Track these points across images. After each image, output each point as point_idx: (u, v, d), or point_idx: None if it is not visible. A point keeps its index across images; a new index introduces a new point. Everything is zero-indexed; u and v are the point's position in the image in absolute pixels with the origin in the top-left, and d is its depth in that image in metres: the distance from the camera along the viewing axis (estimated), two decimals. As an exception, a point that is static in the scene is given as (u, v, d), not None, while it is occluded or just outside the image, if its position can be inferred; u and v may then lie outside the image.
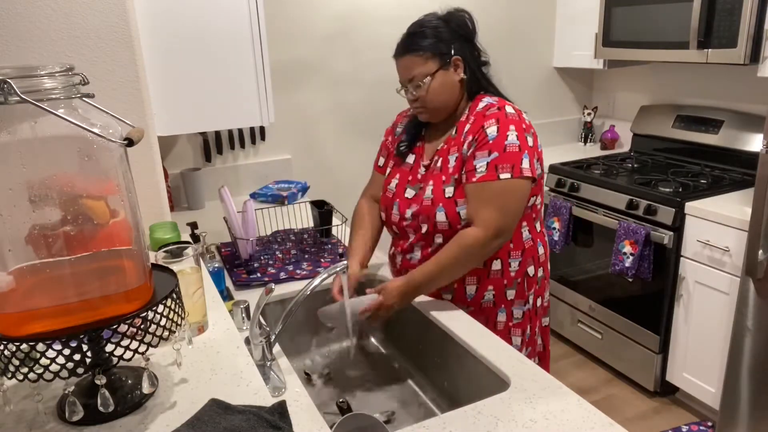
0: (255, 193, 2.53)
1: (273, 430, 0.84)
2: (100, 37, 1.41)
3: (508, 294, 1.45)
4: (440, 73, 1.37)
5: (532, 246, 1.45)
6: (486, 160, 1.31)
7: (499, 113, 1.34)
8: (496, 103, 1.37)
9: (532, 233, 1.45)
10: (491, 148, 1.31)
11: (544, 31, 3.21)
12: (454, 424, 1.02)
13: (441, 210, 1.37)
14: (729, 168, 2.63)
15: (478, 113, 1.38)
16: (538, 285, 1.50)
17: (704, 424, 2.39)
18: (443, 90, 1.39)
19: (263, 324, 1.25)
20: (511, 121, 1.33)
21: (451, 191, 1.37)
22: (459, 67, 1.39)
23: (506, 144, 1.31)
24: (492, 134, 1.32)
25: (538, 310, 1.53)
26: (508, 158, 1.31)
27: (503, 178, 1.30)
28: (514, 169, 1.31)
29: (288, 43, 2.61)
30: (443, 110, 1.43)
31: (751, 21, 2.14)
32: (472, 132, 1.36)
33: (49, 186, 0.79)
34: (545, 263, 1.52)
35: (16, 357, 0.78)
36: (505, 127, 1.32)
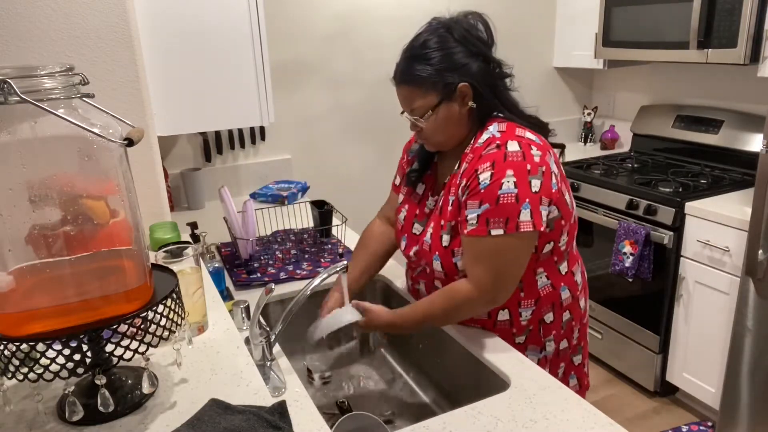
0: (255, 193, 2.53)
1: (273, 430, 0.84)
2: (100, 37, 1.41)
3: (516, 340, 1.30)
4: (443, 106, 1.19)
5: (551, 293, 1.28)
6: (476, 212, 1.14)
7: (497, 153, 1.14)
8: (499, 137, 1.17)
9: (552, 278, 1.27)
10: (482, 199, 1.14)
11: (544, 31, 3.21)
12: (454, 424, 1.02)
13: (437, 259, 1.26)
14: (729, 168, 2.63)
15: (476, 149, 1.20)
16: (563, 329, 1.32)
17: (704, 424, 2.39)
18: (447, 124, 1.22)
19: (263, 324, 1.25)
20: (510, 164, 1.13)
21: (447, 240, 1.23)
22: (467, 96, 1.20)
23: (500, 194, 1.12)
24: (485, 182, 1.13)
25: (560, 352, 1.34)
26: (502, 211, 1.12)
27: (495, 234, 1.13)
28: (509, 224, 1.12)
29: (288, 43, 2.61)
30: (450, 142, 1.27)
31: (751, 21, 2.14)
32: (466, 175, 1.18)
33: (49, 186, 0.79)
34: (573, 306, 1.33)
35: (16, 357, 0.78)
36: (500, 173, 1.13)
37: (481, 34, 1.22)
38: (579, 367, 1.41)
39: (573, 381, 1.42)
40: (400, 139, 1.59)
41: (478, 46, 1.20)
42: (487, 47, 1.22)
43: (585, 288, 1.40)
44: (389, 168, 2.96)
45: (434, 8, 2.86)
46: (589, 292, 1.45)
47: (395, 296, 1.60)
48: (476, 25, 1.22)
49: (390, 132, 2.91)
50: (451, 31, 1.19)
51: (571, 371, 1.40)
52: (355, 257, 1.51)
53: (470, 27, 1.21)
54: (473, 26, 1.22)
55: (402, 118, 1.28)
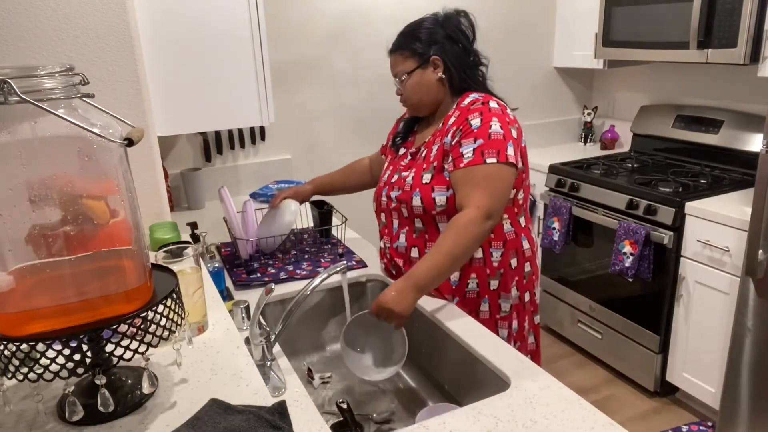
0: (255, 193, 2.53)
1: (273, 430, 0.84)
2: (100, 37, 1.41)
3: (491, 284, 1.47)
4: (418, 71, 1.46)
5: (514, 239, 1.48)
6: (472, 146, 1.36)
7: (483, 107, 1.40)
8: (481, 98, 1.43)
9: (514, 226, 1.48)
10: (476, 136, 1.37)
11: (544, 31, 3.21)
12: (454, 424, 1.02)
13: (417, 194, 1.43)
14: (729, 168, 2.63)
15: (463, 108, 1.44)
16: (525, 280, 1.53)
17: (704, 424, 2.39)
18: (420, 87, 1.47)
19: (263, 324, 1.25)
20: (495, 114, 1.39)
21: (428, 178, 1.43)
22: (438, 67, 1.45)
23: (490, 132, 1.36)
24: (476, 124, 1.38)
25: (526, 305, 1.54)
26: (494, 144, 1.35)
27: (489, 162, 1.35)
28: (500, 154, 1.35)
29: (288, 43, 2.61)
30: (423, 106, 1.51)
31: (751, 21, 2.14)
32: (456, 124, 1.41)
33: (49, 186, 0.79)
34: (532, 259, 1.54)
35: (16, 357, 0.78)
36: (488, 118, 1.38)
37: (465, 28, 1.48)
38: (537, 327, 1.62)
39: (531, 338, 1.60)
40: (400, 139, 1.61)
41: (457, 34, 1.46)
42: (465, 37, 1.48)
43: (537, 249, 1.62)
44: (389, 168, 2.97)
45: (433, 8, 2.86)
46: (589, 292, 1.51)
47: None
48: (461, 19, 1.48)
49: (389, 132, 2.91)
50: (439, 17, 1.48)
51: (531, 329, 1.60)
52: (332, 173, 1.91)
53: (455, 20, 1.48)
54: (457, 20, 1.48)
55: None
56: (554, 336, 3.10)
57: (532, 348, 1.62)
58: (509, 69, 3.12)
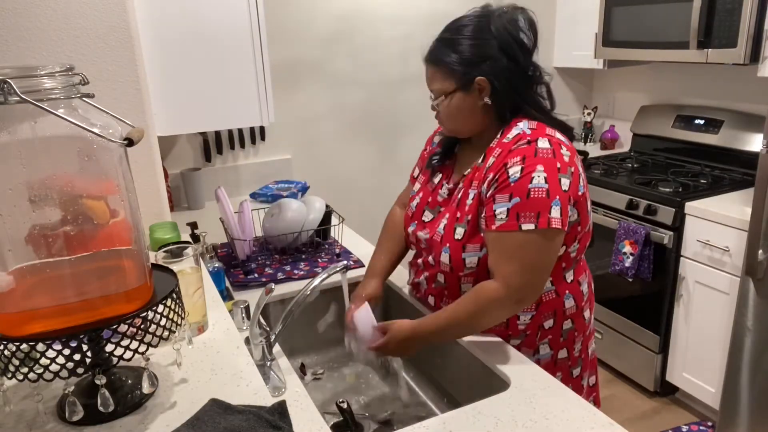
0: (255, 193, 2.53)
1: (273, 430, 0.84)
2: (100, 37, 1.41)
3: (511, 342, 1.28)
4: (458, 94, 1.19)
5: (554, 300, 1.24)
6: (507, 206, 1.11)
7: (528, 149, 1.12)
8: (530, 134, 1.15)
9: (557, 285, 1.24)
10: (513, 192, 1.11)
11: (544, 31, 3.18)
12: (454, 424, 1.02)
13: (446, 251, 1.23)
14: (729, 168, 2.63)
15: (505, 144, 1.17)
16: (563, 338, 1.29)
17: (704, 424, 2.39)
18: (459, 113, 1.22)
19: (263, 324, 1.25)
20: (541, 160, 1.11)
21: (461, 233, 1.20)
22: (484, 90, 1.18)
23: (530, 188, 1.09)
24: (515, 176, 1.11)
25: (558, 361, 1.30)
26: (533, 205, 1.09)
27: (525, 229, 1.10)
28: (540, 219, 1.09)
29: (288, 43, 2.61)
30: (461, 132, 1.28)
31: (751, 21, 2.13)
32: (493, 169, 1.15)
33: (49, 186, 0.79)
34: (577, 315, 1.29)
35: (16, 357, 0.78)
36: (531, 168, 1.10)
37: (522, 34, 1.19)
38: (577, 380, 1.36)
39: None
40: (400, 139, 1.59)
41: (512, 44, 1.17)
42: (523, 48, 1.19)
43: (591, 300, 1.36)
44: (389, 168, 2.97)
45: (433, 8, 2.87)
46: None
47: (396, 298, 1.60)
48: (518, 22, 1.19)
49: (390, 132, 2.91)
50: (490, 22, 1.17)
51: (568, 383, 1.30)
52: (381, 245, 1.51)
53: (512, 23, 1.18)
54: (515, 23, 1.19)
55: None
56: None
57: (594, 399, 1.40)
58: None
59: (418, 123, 2.84)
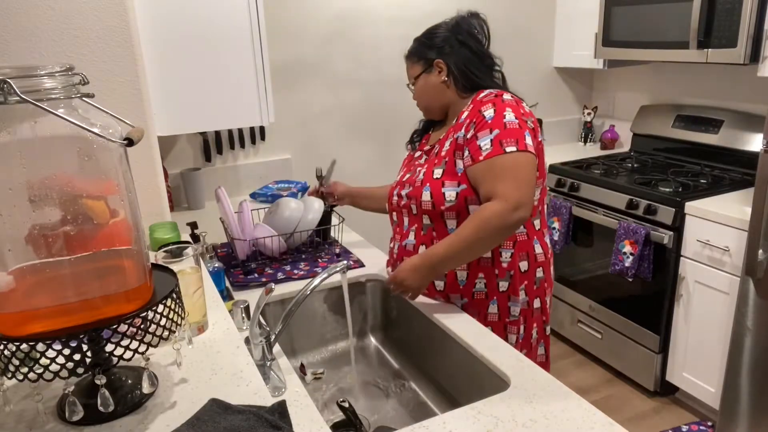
0: (255, 193, 2.53)
1: (273, 430, 0.84)
2: (100, 37, 1.41)
3: (500, 285, 1.43)
4: (422, 76, 1.49)
5: (525, 241, 1.44)
6: (489, 138, 1.32)
7: (496, 99, 1.38)
8: (494, 91, 1.42)
9: (527, 228, 1.44)
10: (492, 126, 1.33)
11: (544, 31, 3.21)
12: (454, 424, 1.02)
13: (427, 189, 1.40)
14: (729, 168, 2.63)
15: (476, 101, 1.42)
16: (536, 286, 1.48)
17: (704, 424, 2.39)
18: (425, 91, 1.50)
19: (263, 324, 1.24)
20: (508, 104, 1.36)
21: (439, 173, 1.40)
22: (442, 71, 1.46)
23: (505, 122, 1.33)
24: (489, 115, 1.34)
25: (535, 311, 1.49)
26: (511, 134, 1.31)
27: (509, 151, 1.30)
28: (519, 143, 1.31)
29: (288, 43, 2.61)
30: (432, 109, 1.53)
31: (751, 21, 2.14)
32: (469, 117, 1.39)
33: (49, 186, 0.79)
34: (545, 265, 1.49)
35: (16, 357, 0.78)
36: (501, 108, 1.35)
37: (476, 30, 1.48)
38: (547, 336, 1.56)
39: (541, 350, 1.53)
40: (400, 139, 1.62)
41: (467, 38, 1.46)
42: (475, 39, 1.47)
43: (551, 256, 1.55)
44: (389, 167, 2.97)
45: (434, 8, 2.87)
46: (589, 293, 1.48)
47: (395, 296, 1.60)
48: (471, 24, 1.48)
49: (390, 132, 2.91)
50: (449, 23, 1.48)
51: (541, 339, 1.55)
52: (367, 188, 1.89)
53: (464, 21, 1.48)
54: (467, 21, 1.48)
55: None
56: (554, 336, 3.09)
57: (542, 360, 1.56)
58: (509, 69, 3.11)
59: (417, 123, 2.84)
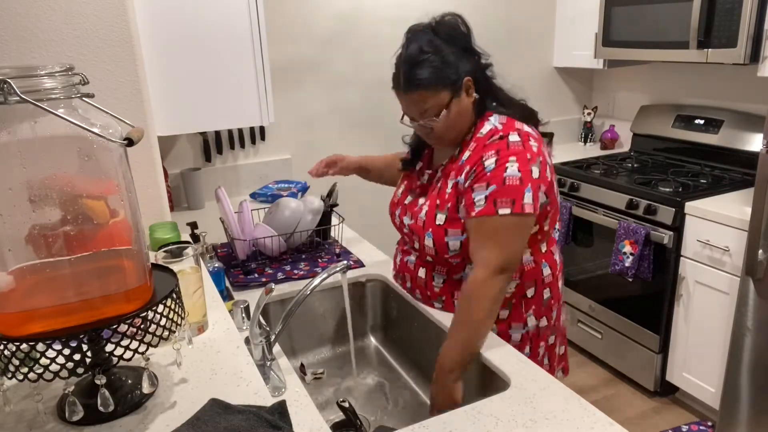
0: (255, 193, 2.53)
1: (273, 430, 0.84)
2: (100, 37, 1.41)
3: (500, 314, 1.35)
4: (455, 101, 1.27)
5: (533, 269, 1.36)
6: (484, 194, 1.22)
7: (501, 143, 1.24)
8: (501, 129, 1.27)
9: (535, 255, 1.35)
10: (489, 181, 1.22)
11: (544, 31, 3.21)
12: (454, 424, 1.02)
13: (429, 236, 1.33)
14: (729, 168, 2.63)
15: (479, 139, 1.29)
16: (544, 306, 1.39)
17: (704, 423, 2.39)
18: (460, 118, 1.30)
19: (263, 324, 1.25)
20: (513, 152, 1.23)
21: (442, 219, 1.31)
22: (471, 88, 1.29)
23: (505, 176, 1.21)
24: (490, 166, 1.23)
25: (541, 330, 1.41)
26: (508, 192, 1.21)
27: (502, 213, 1.20)
28: (515, 204, 1.21)
29: (288, 43, 2.61)
30: (459, 137, 1.34)
31: (751, 21, 2.14)
32: (470, 162, 1.27)
33: (49, 186, 0.79)
34: (553, 284, 1.41)
35: (16, 357, 0.78)
36: (504, 159, 1.22)
37: (462, 30, 1.29)
38: (552, 347, 1.47)
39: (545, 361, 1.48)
40: (400, 139, 1.60)
41: (464, 42, 1.29)
42: (468, 41, 1.30)
43: (561, 269, 1.47)
44: (389, 168, 2.97)
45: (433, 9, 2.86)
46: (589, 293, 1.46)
47: (395, 296, 1.60)
48: (455, 23, 1.29)
49: (390, 132, 2.91)
50: (437, 33, 1.27)
51: (546, 352, 1.47)
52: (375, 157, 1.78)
53: (452, 25, 1.29)
54: (454, 24, 1.29)
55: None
56: (554, 336, 3.09)
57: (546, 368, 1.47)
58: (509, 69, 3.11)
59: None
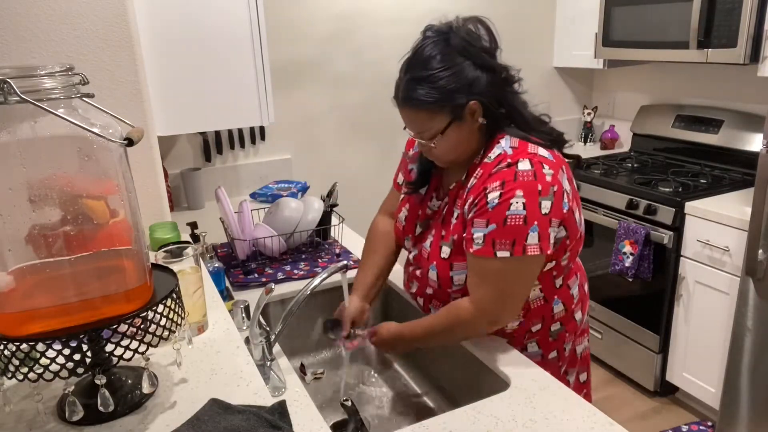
0: (255, 193, 2.53)
1: (273, 429, 0.84)
2: (100, 37, 1.41)
3: None
4: (453, 126, 1.14)
5: (542, 306, 1.24)
6: (483, 232, 1.10)
7: (507, 172, 1.09)
8: (511, 154, 1.12)
9: (545, 291, 1.24)
10: (490, 218, 1.09)
11: (544, 31, 3.21)
12: (454, 424, 1.02)
13: (434, 269, 1.25)
14: (729, 168, 2.63)
15: (486, 165, 1.14)
16: (552, 338, 1.28)
17: (704, 423, 2.39)
18: (459, 144, 1.17)
19: (263, 324, 1.25)
20: (521, 184, 1.08)
21: (447, 252, 1.21)
22: (476, 113, 1.14)
23: (507, 215, 1.08)
24: (493, 202, 1.09)
25: (549, 362, 1.29)
26: (509, 233, 1.08)
27: (501, 256, 1.09)
28: (515, 246, 1.08)
29: (288, 43, 2.61)
30: (462, 158, 1.22)
31: (751, 21, 2.13)
32: (474, 192, 1.14)
33: (49, 186, 0.79)
34: (567, 318, 1.28)
35: (16, 357, 0.78)
36: (509, 193, 1.08)
37: (484, 41, 1.15)
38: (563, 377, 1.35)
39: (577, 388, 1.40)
40: (400, 139, 1.59)
41: (482, 56, 1.13)
42: (491, 54, 1.15)
43: (584, 300, 1.35)
44: (389, 168, 2.95)
45: (433, 8, 2.86)
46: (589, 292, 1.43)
47: (395, 297, 1.60)
48: (477, 32, 1.15)
49: (390, 132, 2.91)
50: (450, 42, 1.11)
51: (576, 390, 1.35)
52: (365, 261, 1.46)
53: (470, 34, 1.13)
54: (473, 33, 1.14)
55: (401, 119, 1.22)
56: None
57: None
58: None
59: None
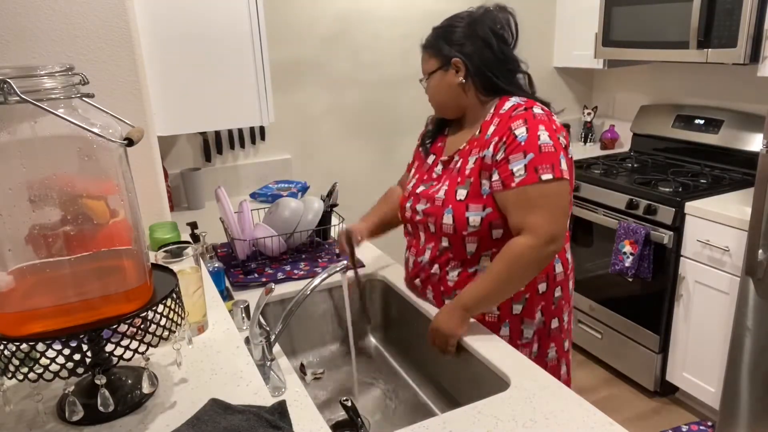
0: (255, 193, 2.53)
1: (273, 429, 0.84)
2: (100, 37, 1.41)
3: (514, 309, 1.36)
4: (438, 73, 1.35)
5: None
6: (523, 162, 1.21)
7: (527, 113, 1.25)
8: (524, 103, 1.28)
9: None
10: (526, 150, 1.21)
11: (544, 31, 3.21)
12: (454, 424, 1.02)
13: (449, 212, 1.30)
14: (729, 168, 2.63)
15: (503, 114, 1.29)
16: (554, 306, 1.39)
17: (704, 423, 2.39)
18: (439, 90, 1.37)
19: (263, 324, 1.25)
20: (540, 121, 1.24)
21: (463, 194, 1.29)
22: (460, 71, 1.32)
23: (540, 144, 1.21)
24: (522, 135, 1.22)
25: (552, 331, 1.40)
26: (546, 159, 1.21)
27: (545, 179, 1.20)
28: (554, 169, 1.21)
29: (288, 43, 2.61)
30: (446, 108, 1.40)
31: (751, 21, 2.14)
32: (498, 134, 1.26)
33: (49, 186, 0.79)
34: (564, 283, 1.40)
35: (16, 357, 0.78)
36: (534, 128, 1.23)
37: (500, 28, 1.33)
38: (567, 353, 1.48)
39: (563, 369, 1.46)
40: (400, 139, 1.60)
41: (488, 33, 1.31)
42: (500, 39, 1.33)
43: (573, 269, 1.45)
44: (389, 168, 2.97)
45: (434, 8, 2.87)
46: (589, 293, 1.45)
47: (395, 296, 1.60)
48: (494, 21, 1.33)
49: (390, 132, 2.91)
50: (476, 17, 1.33)
51: (562, 357, 1.45)
52: (376, 208, 1.64)
53: (492, 18, 1.33)
54: (492, 21, 1.33)
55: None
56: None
57: (564, 378, 1.47)
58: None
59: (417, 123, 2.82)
